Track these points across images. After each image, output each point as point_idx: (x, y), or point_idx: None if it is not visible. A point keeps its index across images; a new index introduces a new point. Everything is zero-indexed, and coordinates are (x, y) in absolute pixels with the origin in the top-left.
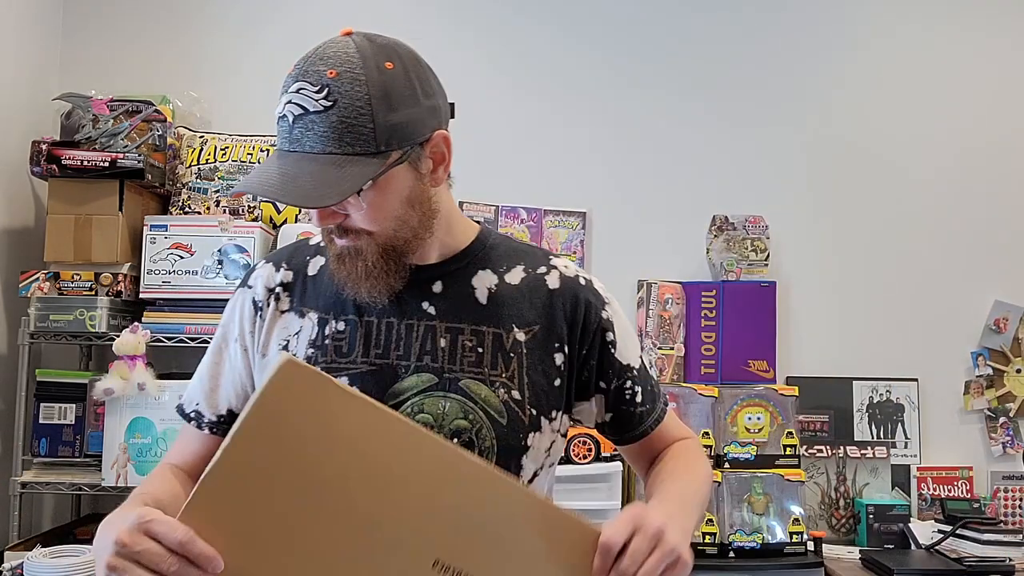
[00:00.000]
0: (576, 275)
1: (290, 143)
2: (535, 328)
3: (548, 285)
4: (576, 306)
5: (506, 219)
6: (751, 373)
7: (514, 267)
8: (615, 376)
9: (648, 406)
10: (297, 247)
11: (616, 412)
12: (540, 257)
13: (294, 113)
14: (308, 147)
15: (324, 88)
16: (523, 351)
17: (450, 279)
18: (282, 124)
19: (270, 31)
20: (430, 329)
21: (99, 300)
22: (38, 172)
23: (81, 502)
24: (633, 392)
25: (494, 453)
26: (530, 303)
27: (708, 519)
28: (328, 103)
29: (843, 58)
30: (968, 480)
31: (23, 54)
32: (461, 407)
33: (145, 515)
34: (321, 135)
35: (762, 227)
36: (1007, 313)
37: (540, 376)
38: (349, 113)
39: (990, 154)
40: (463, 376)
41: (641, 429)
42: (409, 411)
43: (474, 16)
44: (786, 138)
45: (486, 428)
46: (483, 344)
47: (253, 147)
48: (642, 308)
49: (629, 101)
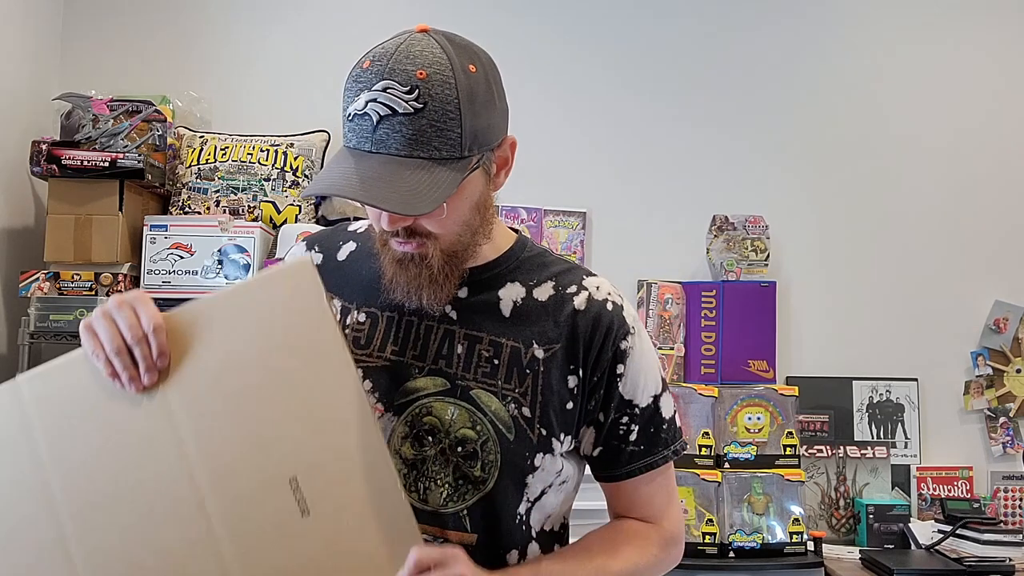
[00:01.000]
0: (606, 298)
1: (373, 144)
2: (555, 347)
3: (575, 305)
4: (596, 330)
5: (506, 219)
6: (751, 373)
7: (544, 283)
8: (615, 410)
9: (642, 447)
10: (335, 230)
11: (606, 447)
12: (574, 275)
13: (380, 113)
14: (394, 149)
15: (414, 89)
16: (540, 369)
17: (477, 286)
18: (363, 123)
19: (271, 31)
20: (449, 333)
21: (99, 300)
22: (38, 172)
23: None
24: (628, 429)
25: (497, 468)
26: (554, 322)
27: (708, 519)
28: (419, 105)
29: (843, 58)
30: (968, 480)
31: (23, 54)
32: (470, 416)
33: (139, 297)
34: (409, 138)
35: (762, 227)
36: (1007, 313)
37: (554, 397)
38: (439, 117)
39: (990, 154)
40: (475, 386)
41: (624, 469)
42: (417, 412)
43: (473, 17)
44: (786, 138)
45: (492, 441)
46: (500, 356)
47: (253, 147)
48: (642, 308)
49: (629, 101)
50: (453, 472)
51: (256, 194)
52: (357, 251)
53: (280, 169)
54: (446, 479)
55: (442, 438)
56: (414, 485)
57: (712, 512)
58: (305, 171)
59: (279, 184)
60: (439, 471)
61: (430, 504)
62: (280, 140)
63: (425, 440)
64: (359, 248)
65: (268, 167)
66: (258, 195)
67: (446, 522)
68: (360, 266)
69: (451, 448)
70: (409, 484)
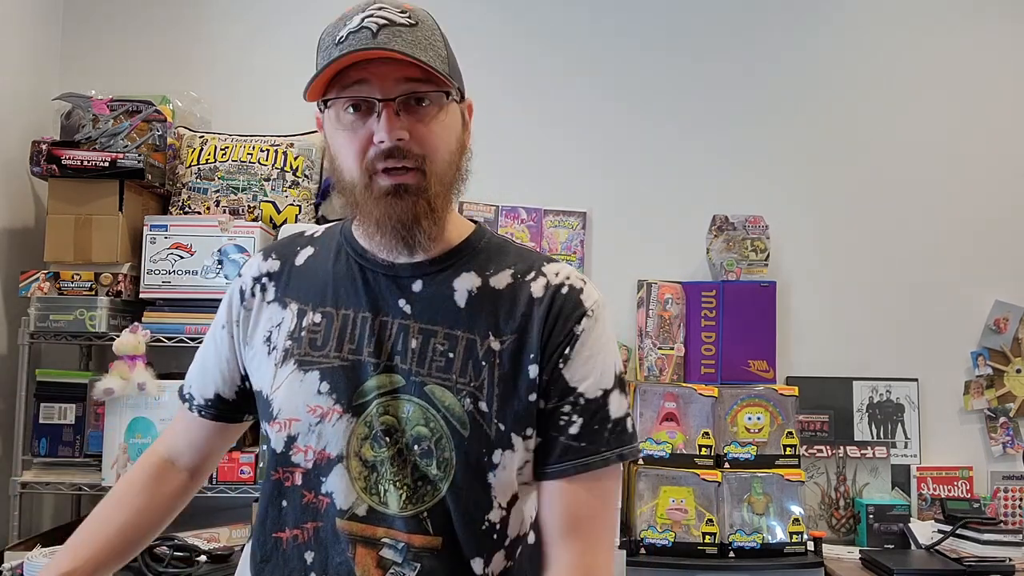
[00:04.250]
0: (563, 282)
1: (375, 46)
2: (511, 338)
3: (532, 293)
4: (550, 315)
5: (506, 219)
6: (751, 373)
7: (502, 271)
8: (555, 395)
9: (582, 444)
10: (292, 238)
11: (544, 437)
12: (533, 262)
13: (379, 23)
14: (397, 49)
15: (406, 12)
16: (496, 360)
17: (431, 279)
18: (360, 35)
19: (270, 31)
20: (403, 328)
21: (99, 300)
22: (38, 172)
23: (81, 502)
24: (569, 420)
25: (453, 466)
26: (510, 311)
27: (708, 519)
28: (412, 22)
29: (843, 58)
30: (968, 480)
31: (23, 54)
32: (423, 413)
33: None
34: (410, 42)
35: (762, 227)
36: (1007, 313)
37: (513, 390)
38: (429, 35)
39: (990, 154)
40: (429, 381)
41: (555, 466)
42: (375, 411)
43: (473, 19)
44: (786, 138)
45: (446, 438)
46: (455, 350)
47: (253, 147)
48: (642, 308)
49: (629, 101)
50: (412, 473)
51: (256, 194)
52: (314, 254)
53: (280, 169)
54: (405, 480)
55: (399, 437)
56: (374, 488)
57: (712, 512)
58: (305, 171)
59: (279, 184)
60: (397, 472)
61: (391, 508)
62: (280, 140)
63: (382, 441)
64: (316, 251)
65: (268, 167)
66: (258, 195)
67: (408, 526)
68: (317, 268)
69: (408, 448)
70: (370, 487)
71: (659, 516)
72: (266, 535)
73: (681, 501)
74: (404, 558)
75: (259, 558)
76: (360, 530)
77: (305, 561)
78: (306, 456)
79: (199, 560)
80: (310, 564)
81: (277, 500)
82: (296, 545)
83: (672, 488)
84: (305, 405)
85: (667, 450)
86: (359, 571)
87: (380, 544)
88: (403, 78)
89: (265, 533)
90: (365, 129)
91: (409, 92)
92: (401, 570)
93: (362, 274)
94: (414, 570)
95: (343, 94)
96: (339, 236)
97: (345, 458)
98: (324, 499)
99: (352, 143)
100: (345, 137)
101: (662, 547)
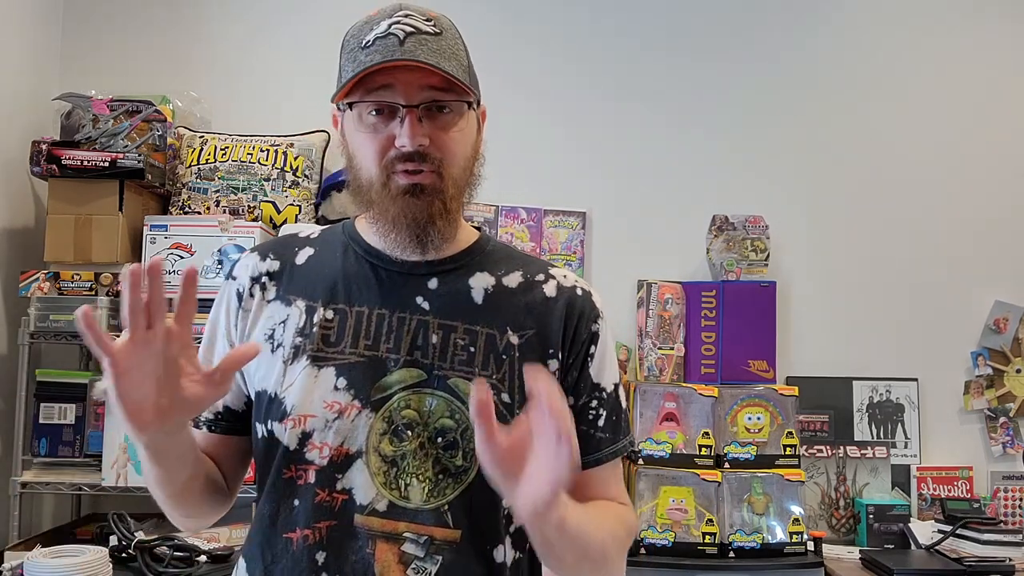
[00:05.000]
0: (574, 285)
1: (402, 54)
2: (529, 333)
3: (545, 292)
4: (571, 314)
5: (506, 219)
6: (751, 373)
7: (512, 272)
8: (585, 392)
9: (609, 435)
10: (285, 239)
11: (576, 432)
12: (539, 266)
13: (405, 31)
14: (422, 58)
15: (431, 20)
16: (516, 355)
17: (446, 277)
18: (387, 42)
19: (270, 31)
20: (423, 324)
21: (99, 300)
22: (38, 172)
23: (81, 502)
24: (597, 414)
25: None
26: (526, 307)
27: (708, 519)
28: (437, 31)
29: (843, 58)
30: (968, 480)
31: (23, 54)
32: (448, 405)
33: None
34: (435, 51)
35: (762, 227)
36: (1007, 313)
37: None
38: (452, 45)
39: (990, 154)
40: (452, 374)
41: (594, 456)
42: (395, 406)
43: (473, 19)
44: (786, 138)
45: (472, 429)
46: (476, 344)
47: (253, 147)
48: (642, 308)
49: (629, 101)
50: (433, 466)
51: (256, 194)
52: (315, 254)
53: (280, 169)
54: (426, 474)
55: (421, 431)
56: (395, 482)
57: (712, 512)
58: (305, 171)
59: (279, 184)
60: (419, 466)
61: (412, 501)
62: (280, 140)
63: (404, 435)
64: (317, 252)
65: (268, 167)
66: (258, 195)
67: (429, 519)
68: (322, 266)
69: (430, 441)
70: (390, 482)
71: (659, 516)
72: (276, 535)
73: (681, 501)
74: (426, 552)
75: (268, 560)
76: (381, 525)
77: (316, 562)
78: (321, 453)
79: (199, 560)
80: (321, 564)
81: (289, 499)
82: (307, 546)
83: (672, 488)
84: (322, 401)
85: (667, 450)
86: (379, 567)
87: (402, 539)
88: (426, 85)
89: (276, 534)
90: (387, 131)
91: (432, 100)
92: (423, 564)
93: (374, 272)
94: (436, 563)
95: (367, 98)
96: (343, 236)
97: (365, 453)
98: (339, 496)
99: (372, 143)
100: (366, 137)
101: (662, 547)
